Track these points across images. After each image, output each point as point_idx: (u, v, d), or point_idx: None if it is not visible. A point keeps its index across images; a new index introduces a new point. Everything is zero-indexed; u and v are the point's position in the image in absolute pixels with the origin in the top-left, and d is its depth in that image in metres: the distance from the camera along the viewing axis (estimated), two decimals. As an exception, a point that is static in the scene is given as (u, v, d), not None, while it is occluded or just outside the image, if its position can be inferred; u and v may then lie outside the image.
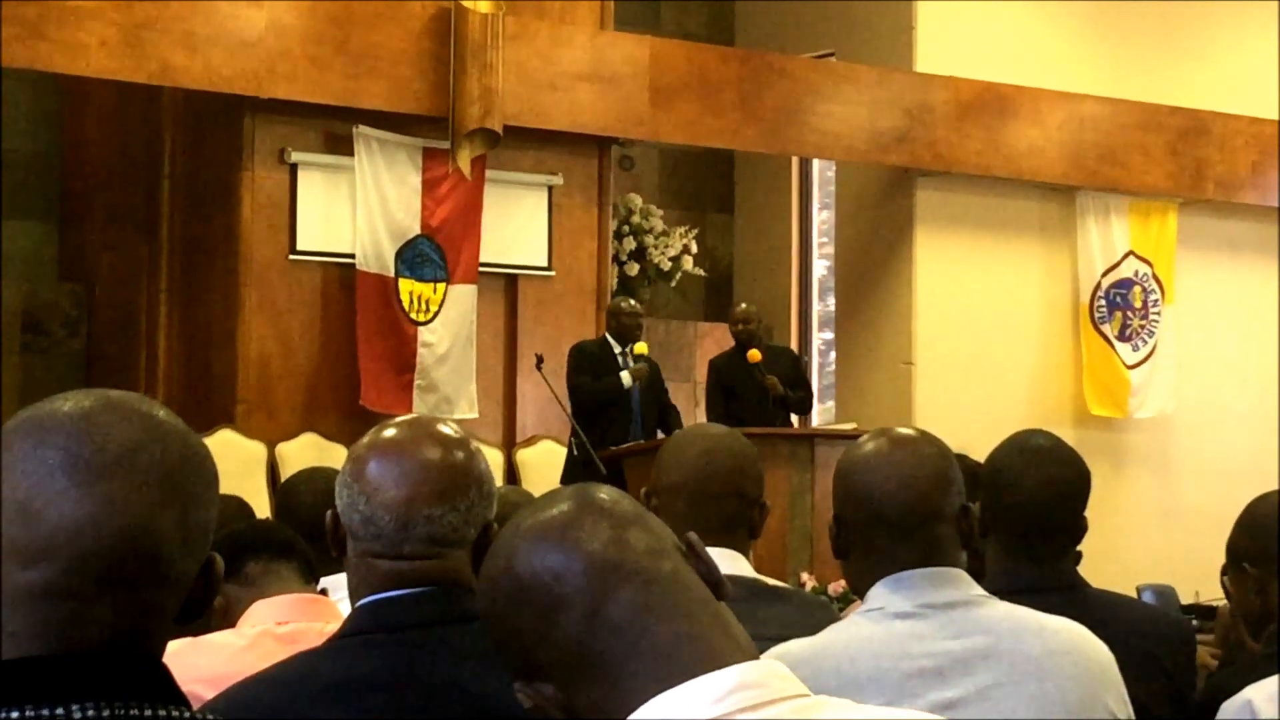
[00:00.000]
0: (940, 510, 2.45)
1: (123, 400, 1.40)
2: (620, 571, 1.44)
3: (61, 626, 1.33)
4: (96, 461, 1.35)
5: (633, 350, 9.26)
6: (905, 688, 2.33)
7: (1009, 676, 2.36)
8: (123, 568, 1.34)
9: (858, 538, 2.48)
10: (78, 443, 1.35)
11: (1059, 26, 12.00)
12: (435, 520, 2.15)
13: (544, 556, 1.45)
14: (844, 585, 8.17)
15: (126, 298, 10.19)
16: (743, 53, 11.36)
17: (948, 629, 2.38)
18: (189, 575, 1.40)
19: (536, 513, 1.50)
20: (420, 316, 9.71)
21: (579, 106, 10.07)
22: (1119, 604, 3.14)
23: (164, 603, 1.37)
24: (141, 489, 1.35)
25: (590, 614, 1.43)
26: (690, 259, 11.95)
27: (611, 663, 1.42)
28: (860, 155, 11.18)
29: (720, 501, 2.87)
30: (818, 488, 8.65)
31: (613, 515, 1.48)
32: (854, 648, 2.37)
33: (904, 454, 2.47)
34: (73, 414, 1.37)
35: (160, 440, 1.38)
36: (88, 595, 1.33)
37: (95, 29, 8.79)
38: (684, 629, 1.43)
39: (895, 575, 2.41)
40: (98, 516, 1.33)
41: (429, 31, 9.62)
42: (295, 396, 9.58)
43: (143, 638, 1.36)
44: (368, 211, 9.58)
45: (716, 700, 1.38)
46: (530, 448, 10.10)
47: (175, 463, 1.38)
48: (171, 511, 1.37)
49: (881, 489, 2.44)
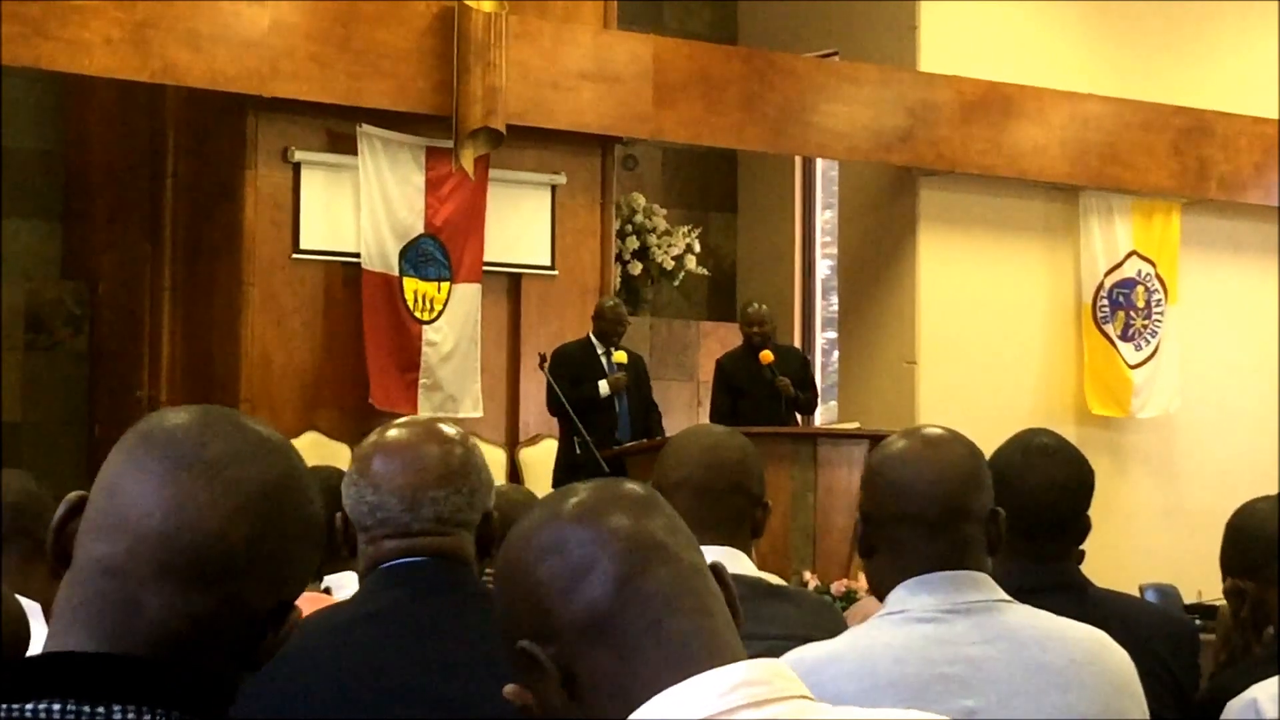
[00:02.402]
0: (969, 511, 2.43)
1: (238, 421, 1.43)
2: (657, 551, 1.46)
3: (117, 608, 1.35)
4: (189, 460, 1.38)
5: (613, 357, 9.28)
6: (926, 694, 2.32)
7: (1031, 685, 2.34)
8: (181, 562, 1.36)
9: (884, 535, 2.46)
10: (179, 443, 1.39)
11: (1062, 26, 11.99)
12: (441, 501, 2.25)
13: (583, 524, 1.47)
14: (846, 585, 8.17)
15: (129, 296, 10.20)
16: (746, 52, 11.35)
17: (970, 634, 2.36)
18: (251, 604, 1.39)
19: (570, 495, 1.51)
20: (425, 315, 9.71)
21: (582, 106, 10.07)
22: (1122, 603, 3.13)
23: (217, 614, 1.37)
24: (220, 497, 1.37)
25: (622, 581, 1.44)
26: (693, 258, 11.95)
27: (629, 636, 1.43)
28: (863, 154, 11.18)
29: (724, 498, 2.88)
30: (820, 487, 8.66)
31: (645, 503, 1.51)
32: (875, 652, 2.36)
33: (935, 453, 2.46)
34: (187, 420, 1.42)
35: (257, 462, 1.40)
36: (143, 578, 1.35)
37: (98, 27, 8.79)
38: (701, 621, 1.45)
39: (918, 578, 2.40)
40: (168, 506, 1.37)
41: (432, 30, 9.62)
42: (298, 395, 9.58)
43: (189, 644, 1.36)
44: (371, 210, 9.58)
45: (721, 695, 1.40)
46: (533, 446, 10.11)
47: (264, 487, 1.39)
48: (246, 529, 1.38)
49: (911, 486, 2.43)
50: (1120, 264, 11.91)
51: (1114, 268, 11.89)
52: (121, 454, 1.41)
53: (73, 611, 1.37)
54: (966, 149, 11.21)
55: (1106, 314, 11.86)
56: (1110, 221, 11.87)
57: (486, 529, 2.31)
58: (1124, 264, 11.92)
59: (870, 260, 11.82)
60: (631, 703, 1.42)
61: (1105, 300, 11.87)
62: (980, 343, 11.43)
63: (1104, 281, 11.86)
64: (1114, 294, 11.89)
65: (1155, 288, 12.02)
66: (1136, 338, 11.96)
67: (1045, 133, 11.45)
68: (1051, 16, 11.93)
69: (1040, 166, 11.49)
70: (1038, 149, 11.45)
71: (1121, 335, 11.91)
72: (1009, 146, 11.35)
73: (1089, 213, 11.82)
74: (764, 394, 9.25)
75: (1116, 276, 11.90)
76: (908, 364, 11.41)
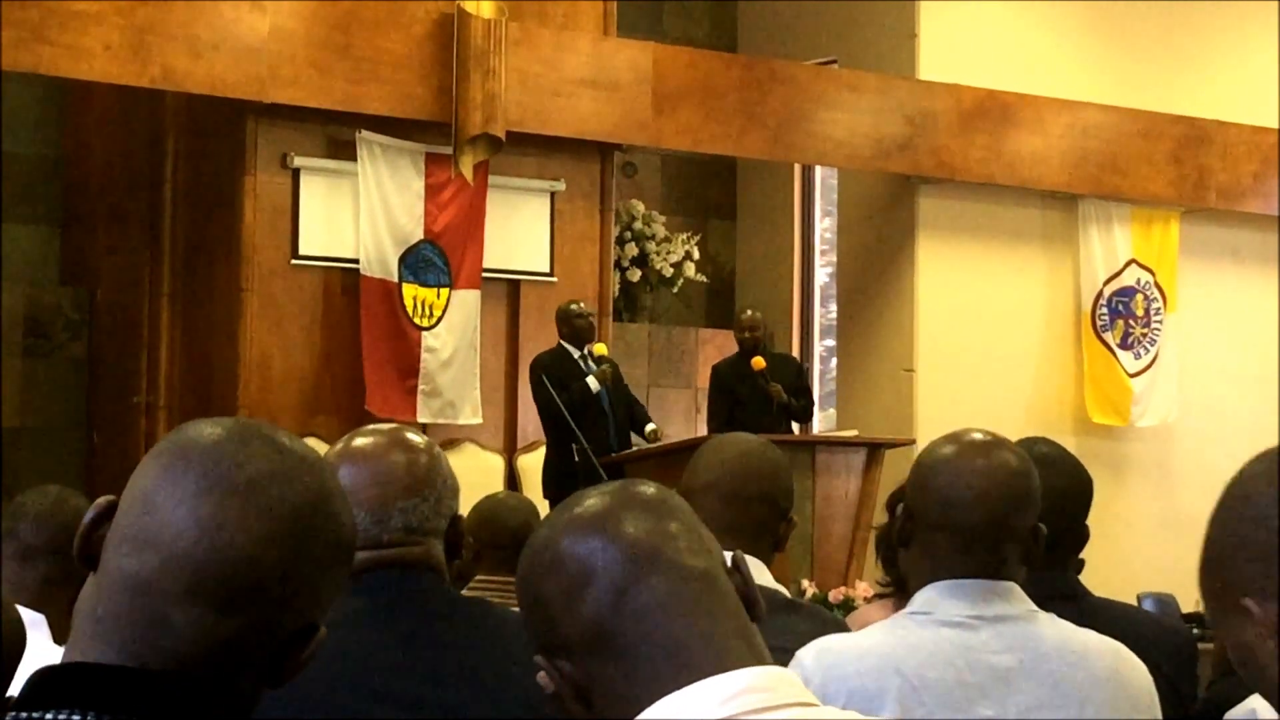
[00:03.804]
0: (1012, 529, 2.43)
1: (273, 438, 1.42)
2: (656, 561, 1.46)
3: (143, 623, 1.34)
4: (225, 480, 1.37)
5: (592, 352, 9.29)
6: (946, 701, 2.32)
7: (1050, 699, 2.35)
8: (212, 584, 1.35)
9: (923, 536, 2.46)
10: (215, 460, 1.38)
11: (1061, 35, 12.00)
12: (409, 511, 2.27)
13: (586, 535, 1.48)
14: (844, 593, 8.17)
15: (128, 302, 10.19)
16: (745, 59, 11.35)
17: (994, 644, 2.36)
18: (281, 628, 1.39)
19: (584, 499, 1.53)
20: (424, 322, 9.71)
21: (581, 112, 10.07)
22: (1120, 612, 3.14)
23: (243, 634, 1.36)
24: (256, 521, 1.36)
25: (618, 593, 1.45)
26: (692, 265, 11.95)
27: (629, 647, 1.44)
28: (862, 162, 11.18)
29: (752, 505, 2.89)
30: (818, 494, 8.66)
31: (656, 507, 1.51)
32: (900, 652, 2.36)
33: (987, 465, 2.44)
34: (223, 436, 1.40)
35: (293, 483, 1.39)
36: (172, 596, 1.34)
37: (98, 33, 8.79)
38: (704, 628, 1.44)
39: (950, 581, 2.40)
40: (205, 526, 1.35)
41: (432, 37, 9.62)
42: (296, 401, 9.58)
43: (213, 662, 1.35)
44: (371, 217, 9.58)
45: (724, 701, 1.40)
46: (531, 453, 10.10)
47: (299, 510, 1.38)
48: (280, 552, 1.37)
49: (960, 497, 2.42)
50: (1119, 273, 11.91)
51: (1113, 276, 11.89)
52: (156, 466, 1.39)
53: (96, 623, 1.36)
54: (966, 157, 11.21)
55: (1105, 322, 11.86)
56: (1109, 230, 11.88)
57: (454, 533, 2.33)
58: (1123, 272, 11.92)
59: (869, 268, 11.82)
60: (638, 712, 1.42)
61: (1104, 309, 11.87)
62: (979, 351, 11.43)
63: (1103, 290, 11.86)
64: (1113, 302, 11.89)
65: (1154, 296, 12.02)
66: (1135, 346, 11.96)
67: (1044, 141, 11.46)
68: (1051, 25, 11.93)
69: (1039, 175, 11.50)
70: (1037, 157, 11.45)
71: (1120, 344, 11.91)
72: (1008, 155, 11.35)
73: (1088, 221, 11.83)
74: (759, 400, 9.25)
75: (1115, 285, 11.90)
76: (906, 372, 11.41)
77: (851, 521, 8.75)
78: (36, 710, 1.31)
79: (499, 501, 4.66)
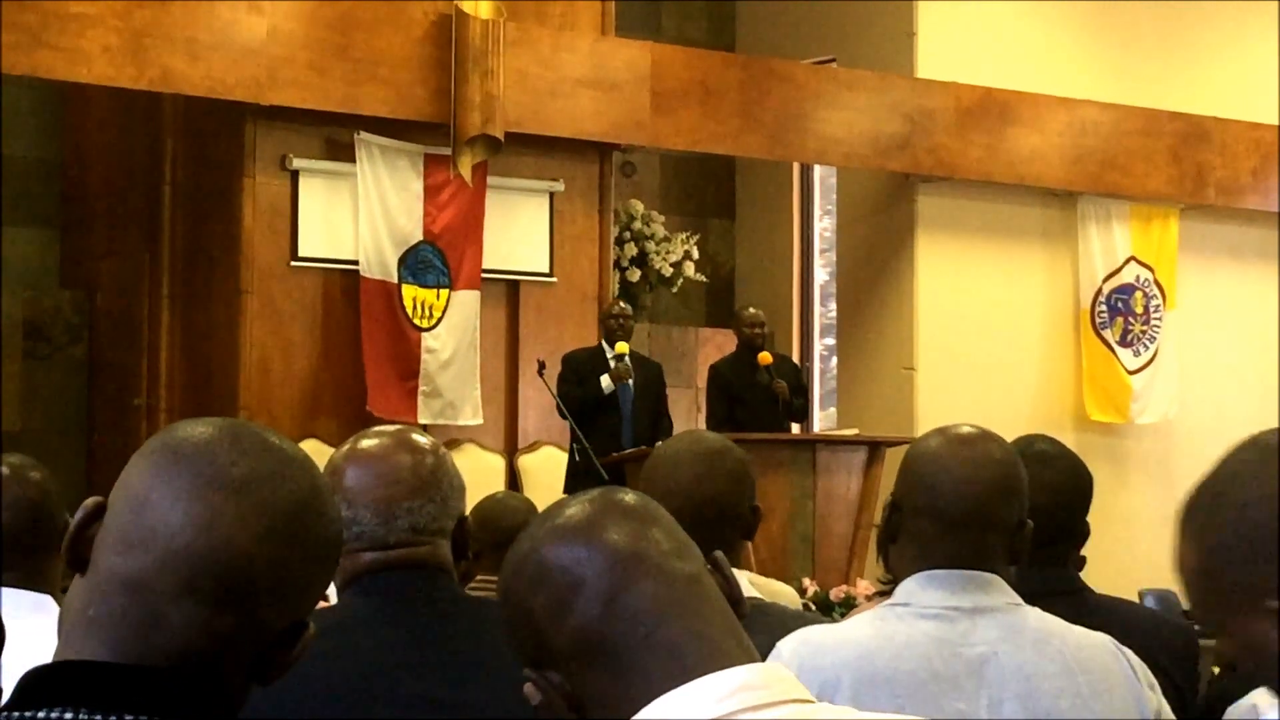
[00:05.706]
0: (995, 520, 2.43)
1: (263, 436, 1.43)
2: (642, 565, 1.46)
3: (137, 622, 1.35)
4: (219, 478, 1.38)
5: (615, 349, 9.29)
6: (920, 693, 2.32)
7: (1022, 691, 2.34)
8: (208, 581, 1.35)
9: (909, 526, 2.47)
10: (208, 459, 1.39)
11: (1060, 32, 12.00)
12: (416, 511, 2.27)
13: (570, 544, 1.48)
14: (845, 591, 8.17)
15: (128, 304, 10.19)
16: (744, 59, 11.35)
17: (970, 635, 2.36)
18: (271, 625, 1.40)
19: (564, 508, 1.52)
20: (424, 323, 9.71)
21: (580, 113, 10.07)
22: (1121, 609, 3.14)
23: (238, 635, 1.37)
24: (250, 519, 1.37)
25: (608, 600, 1.44)
26: (691, 265, 11.95)
27: (621, 652, 1.44)
28: (861, 161, 11.18)
29: (714, 525, 2.83)
30: (819, 493, 8.66)
31: (638, 514, 1.51)
32: (876, 644, 2.36)
33: (971, 455, 2.45)
34: (214, 435, 1.41)
35: (285, 483, 1.40)
36: (166, 594, 1.35)
37: (96, 36, 8.79)
38: (695, 628, 1.45)
39: (929, 572, 2.40)
40: (197, 526, 1.36)
41: (430, 38, 9.63)
42: (296, 403, 9.58)
43: (206, 659, 1.36)
44: (370, 218, 9.58)
45: (720, 699, 1.40)
46: (532, 453, 10.11)
47: (291, 508, 1.39)
48: (274, 549, 1.38)
49: (941, 485, 2.43)
50: (1119, 270, 11.91)
51: (1112, 273, 11.89)
52: (147, 466, 1.40)
53: (88, 621, 1.37)
54: (964, 155, 11.21)
55: (1105, 320, 11.87)
56: (1108, 227, 11.88)
57: (460, 533, 2.34)
58: (1122, 270, 11.92)
59: (868, 266, 11.82)
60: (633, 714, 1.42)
61: (1104, 306, 11.87)
62: (979, 349, 11.43)
63: (1102, 287, 11.86)
64: (1112, 300, 11.89)
65: (1154, 293, 12.02)
66: (1135, 343, 11.96)
67: (1043, 139, 11.46)
68: (1049, 22, 11.94)
69: (1038, 172, 11.50)
70: (1036, 155, 11.45)
71: (1120, 341, 11.91)
72: (1007, 152, 11.35)
73: (1087, 219, 11.83)
74: (759, 399, 9.25)
75: (1115, 282, 11.90)
76: (906, 370, 11.41)
77: (852, 520, 8.76)
78: (29, 709, 1.32)
79: (499, 501, 4.66)
